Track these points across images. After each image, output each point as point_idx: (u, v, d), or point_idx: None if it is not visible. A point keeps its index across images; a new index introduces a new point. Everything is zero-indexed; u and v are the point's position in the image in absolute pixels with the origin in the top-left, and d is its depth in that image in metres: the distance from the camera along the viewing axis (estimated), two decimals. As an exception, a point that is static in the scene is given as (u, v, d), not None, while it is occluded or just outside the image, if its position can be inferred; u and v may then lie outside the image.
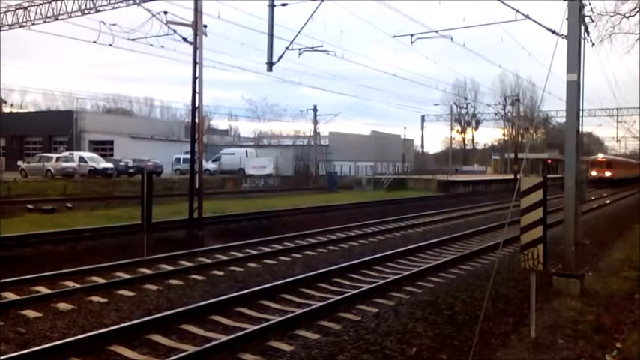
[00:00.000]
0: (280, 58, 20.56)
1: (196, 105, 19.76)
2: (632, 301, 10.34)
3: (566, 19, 11.31)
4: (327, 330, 8.70)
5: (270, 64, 20.58)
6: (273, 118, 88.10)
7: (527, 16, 16.35)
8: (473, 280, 11.49)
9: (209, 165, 50.82)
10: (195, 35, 19.82)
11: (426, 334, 7.98)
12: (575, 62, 11.32)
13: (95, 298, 10.27)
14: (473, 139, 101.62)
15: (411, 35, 21.56)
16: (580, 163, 12.05)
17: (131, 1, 21.23)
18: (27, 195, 29.72)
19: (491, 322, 8.62)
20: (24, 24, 24.51)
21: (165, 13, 19.68)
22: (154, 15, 19.67)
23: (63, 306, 9.77)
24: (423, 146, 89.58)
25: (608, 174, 61.50)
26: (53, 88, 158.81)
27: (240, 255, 15.20)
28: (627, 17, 15.82)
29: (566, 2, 11.36)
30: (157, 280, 11.96)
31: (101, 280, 11.82)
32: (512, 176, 52.14)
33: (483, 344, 7.68)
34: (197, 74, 19.68)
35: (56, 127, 62.50)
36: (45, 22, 23.89)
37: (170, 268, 13.30)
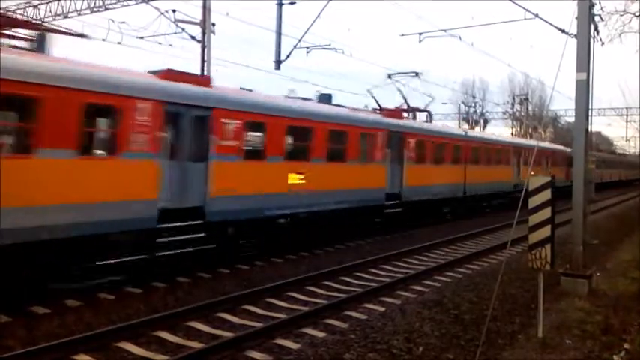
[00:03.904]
0: (288, 56, 20.56)
1: (204, 103, 19.70)
2: (641, 301, 10.27)
3: (576, 18, 11.26)
4: (334, 328, 8.71)
5: (278, 63, 20.58)
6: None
7: (536, 15, 16.27)
8: (480, 280, 11.47)
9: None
10: (204, 33, 19.89)
11: (432, 333, 7.97)
12: (584, 61, 11.26)
13: (103, 295, 10.31)
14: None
15: (419, 34, 21.49)
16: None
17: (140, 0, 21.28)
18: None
19: (498, 321, 8.60)
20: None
21: (174, 11, 19.76)
22: (162, 13, 19.75)
23: (70, 302, 9.82)
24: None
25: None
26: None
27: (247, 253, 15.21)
28: (637, 16, 15.67)
29: (576, 1, 11.30)
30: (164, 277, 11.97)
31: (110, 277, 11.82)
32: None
33: (490, 344, 7.66)
34: (205, 72, 19.72)
35: (65, 124, 62.39)
36: (54, 19, 23.99)
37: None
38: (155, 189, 11.08)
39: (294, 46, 20.64)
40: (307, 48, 21.98)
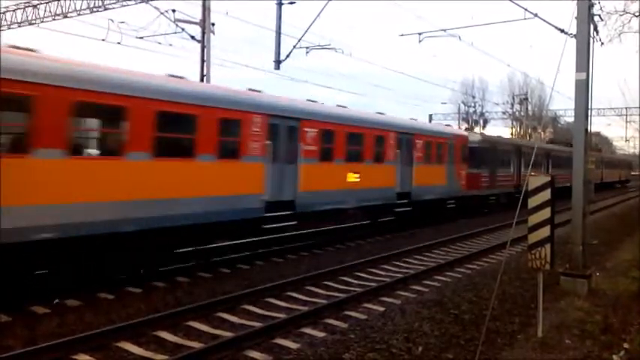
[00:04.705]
0: (288, 56, 20.56)
1: (204, 103, 19.69)
2: (640, 301, 10.27)
3: (576, 17, 11.26)
4: (334, 328, 8.71)
5: (278, 62, 20.58)
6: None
7: (535, 15, 16.26)
8: (479, 280, 11.48)
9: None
10: (203, 33, 19.90)
11: (432, 333, 7.97)
12: (584, 61, 11.26)
13: (103, 295, 10.31)
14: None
15: (419, 34, 21.48)
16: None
17: (139, -1, 21.27)
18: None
19: (497, 321, 8.60)
20: (33, 22, 24.62)
21: (174, 11, 19.79)
22: (162, 13, 19.77)
23: (70, 302, 9.81)
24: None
25: None
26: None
27: (248, 253, 15.21)
28: (637, 16, 15.67)
29: (576, 1, 11.30)
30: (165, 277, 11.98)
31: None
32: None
33: (490, 344, 7.66)
34: (205, 72, 19.75)
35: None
36: (54, 19, 23.99)
37: (177, 265, 13.31)
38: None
39: (294, 46, 20.65)
40: (307, 48, 22.00)
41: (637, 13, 15.43)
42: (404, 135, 19.85)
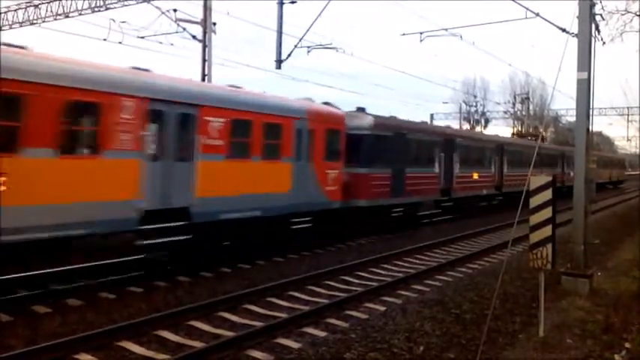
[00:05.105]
0: (289, 55, 20.52)
1: (205, 102, 19.64)
2: (642, 301, 10.25)
3: (577, 17, 11.25)
4: (335, 328, 8.72)
5: (279, 62, 20.55)
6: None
7: (537, 15, 16.24)
8: (481, 279, 11.47)
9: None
10: (205, 33, 19.89)
11: (433, 332, 7.97)
12: (585, 61, 11.24)
13: (104, 294, 10.32)
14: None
15: (420, 33, 21.44)
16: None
17: (141, -1, 21.26)
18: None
19: (499, 321, 8.59)
20: (34, 21, 24.63)
21: (175, 10, 19.76)
22: (163, 12, 19.75)
23: (72, 302, 9.82)
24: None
25: None
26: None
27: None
28: (638, 15, 15.65)
29: (577, 1, 11.29)
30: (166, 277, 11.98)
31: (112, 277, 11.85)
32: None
33: (491, 343, 7.65)
34: (206, 72, 19.75)
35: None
36: (55, 19, 23.98)
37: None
38: None
39: (295, 46, 20.61)
40: (308, 47, 21.97)
41: (638, 13, 15.41)
42: (170, 106, 11.45)
